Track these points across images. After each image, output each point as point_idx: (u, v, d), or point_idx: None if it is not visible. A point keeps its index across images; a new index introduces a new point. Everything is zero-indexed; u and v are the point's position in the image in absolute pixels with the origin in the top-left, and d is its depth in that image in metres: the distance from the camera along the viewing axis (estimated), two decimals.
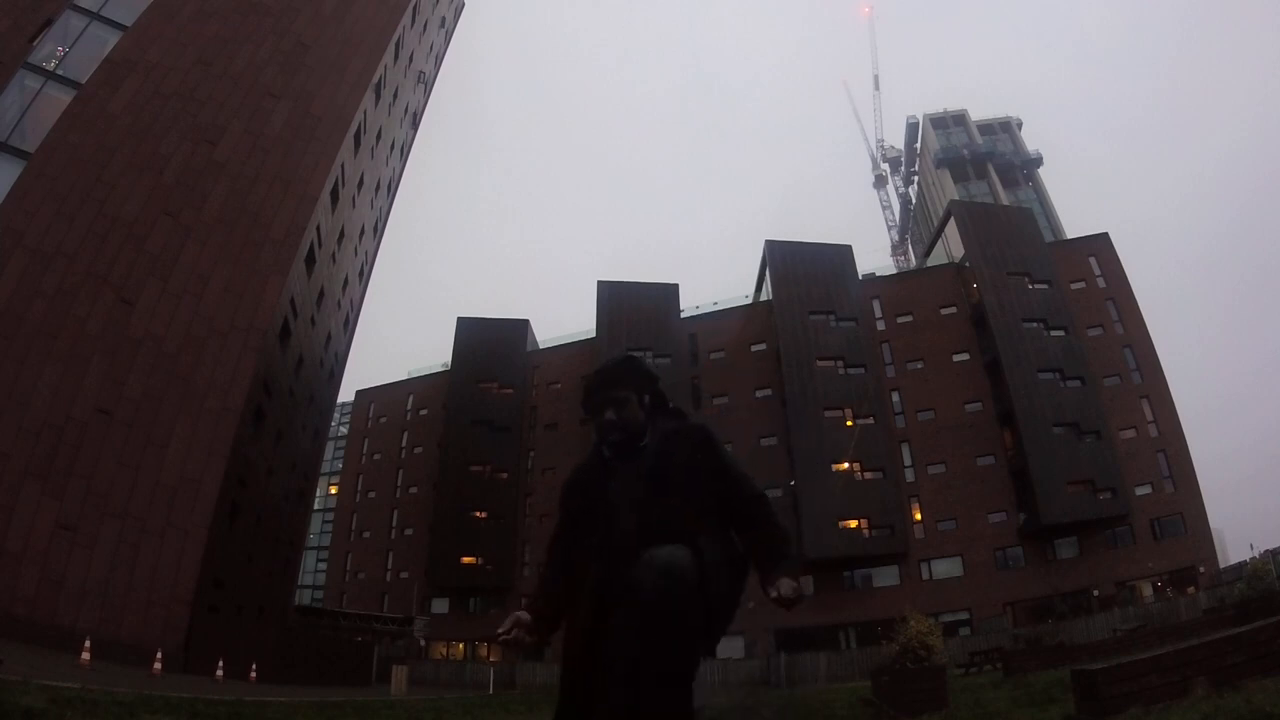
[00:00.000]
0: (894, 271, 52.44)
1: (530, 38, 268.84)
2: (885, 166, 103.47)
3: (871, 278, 43.92)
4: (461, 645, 40.91)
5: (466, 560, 40.43)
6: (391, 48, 29.88)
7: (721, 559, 1.95)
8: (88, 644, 12.73)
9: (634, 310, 42.80)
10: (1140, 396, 35.66)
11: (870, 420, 36.65)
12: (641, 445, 2.14)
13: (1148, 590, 31.41)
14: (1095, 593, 31.07)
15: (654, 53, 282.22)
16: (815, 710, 10.50)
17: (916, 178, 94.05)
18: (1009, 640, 21.64)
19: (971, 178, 76.95)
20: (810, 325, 39.33)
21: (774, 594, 1.93)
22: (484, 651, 39.76)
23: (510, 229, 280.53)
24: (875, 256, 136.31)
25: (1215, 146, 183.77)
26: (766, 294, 43.11)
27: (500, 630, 2.06)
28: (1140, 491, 33.26)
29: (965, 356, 38.40)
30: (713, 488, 2.08)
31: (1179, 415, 34.95)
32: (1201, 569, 30.50)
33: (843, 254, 42.17)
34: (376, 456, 49.59)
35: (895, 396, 38.35)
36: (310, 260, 25.06)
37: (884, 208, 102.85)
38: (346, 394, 48.11)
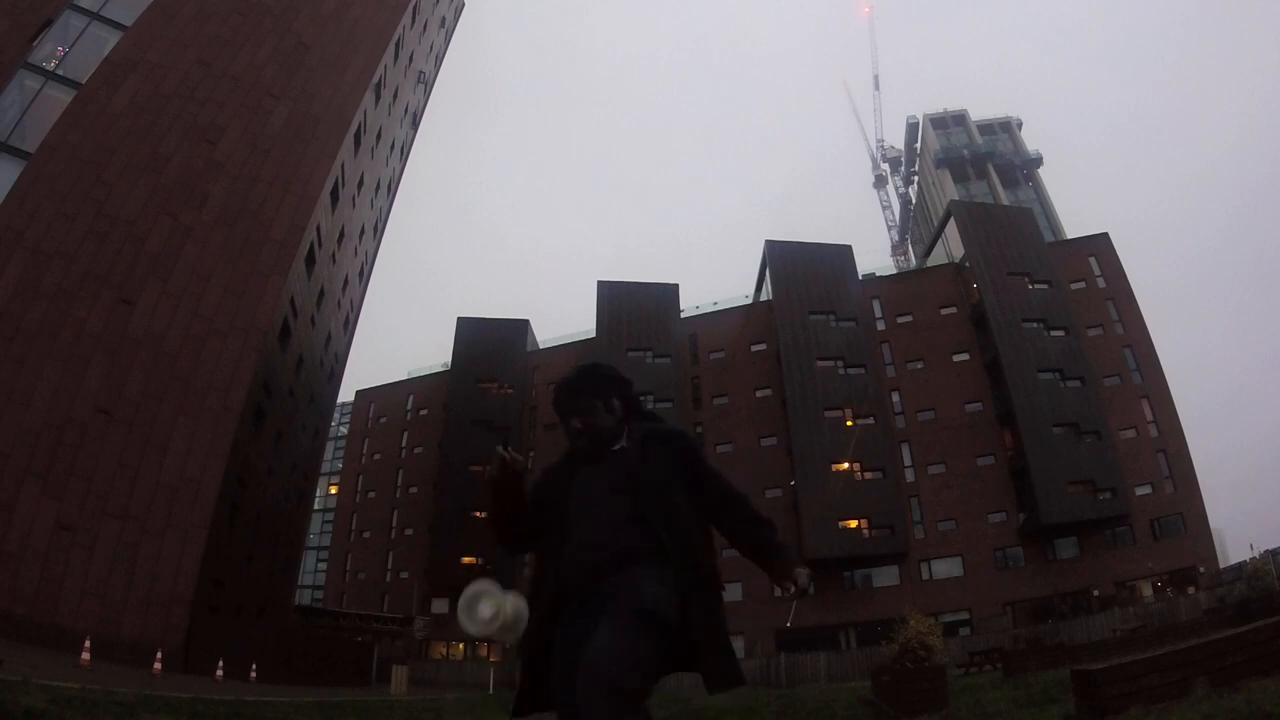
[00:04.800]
0: (894, 271, 52.41)
1: (530, 37, 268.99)
2: (885, 166, 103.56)
3: (871, 278, 43.91)
4: (461, 645, 40.90)
5: (466, 560, 40.37)
6: (391, 48, 29.86)
7: (696, 575, 1.96)
8: (88, 644, 12.71)
9: (634, 310, 42.79)
10: (1140, 396, 35.64)
11: (870, 420, 36.63)
12: (616, 449, 2.17)
13: (1148, 590, 31.39)
14: (1095, 593, 31.05)
15: (654, 52, 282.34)
16: (815, 710, 10.49)
17: (916, 178, 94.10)
18: (1009, 640, 21.63)
19: (971, 178, 77.01)
20: (810, 325, 39.31)
21: (792, 588, 2.03)
22: (484, 651, 39.75)
23: (510, 229, 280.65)
24: (875, 256, 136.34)
25: (1215, 145, 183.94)
26: (766, 294, 43.09)
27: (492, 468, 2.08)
28: (1140, 491, 33.23)
29: (965, 356, 38.39)
30: (696, 492, 2.12)
31: (1179, 415, 34.96)
32: (1201, 569, 30.46)
33: (843, 254, 42.16)
34: (376, 456, 49.58)
35: (895, 396, 38.33)
36: (310, 260, 25.04)
37: (884, 208, 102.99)
38: (346, 394, 48.17)
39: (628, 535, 1.97)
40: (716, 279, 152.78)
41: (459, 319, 47.67)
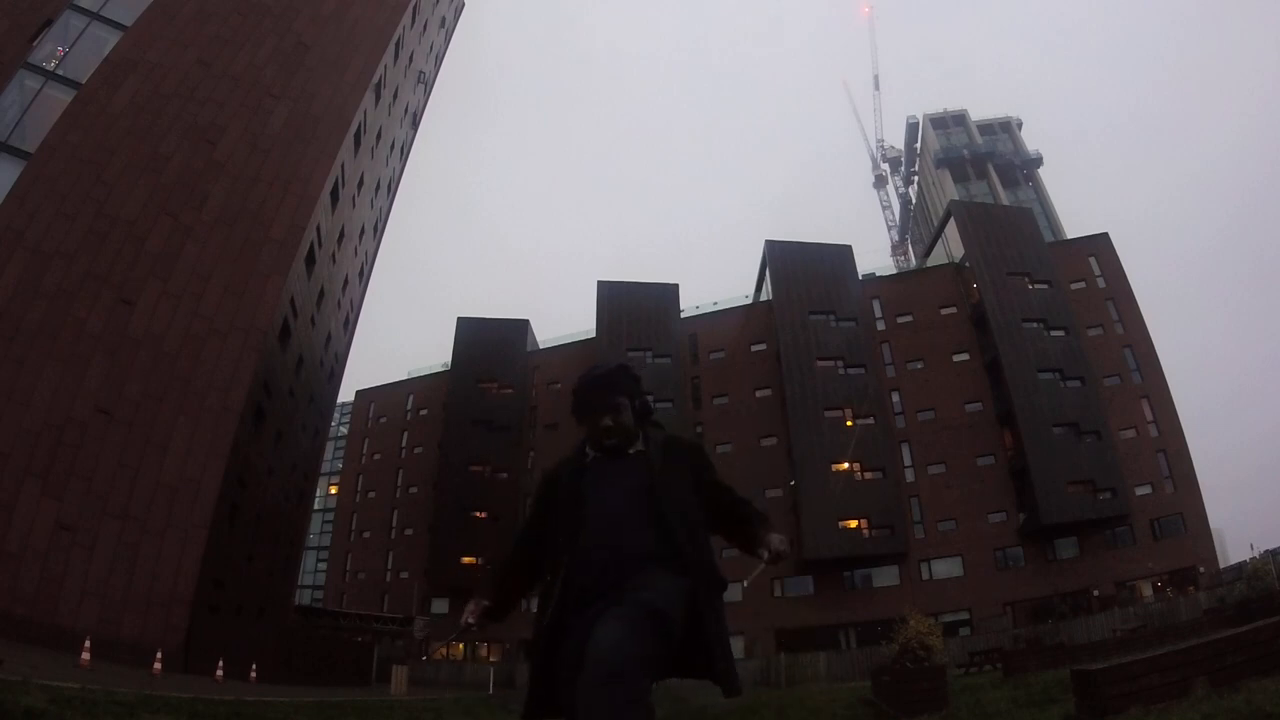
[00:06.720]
0: (894, 271, 52.42)
1: (530, 37, 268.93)
2: (885, 166, 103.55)
3: (871, 278, 43.91)
4: (461, 645, 40.89)
5: (466, 560, 40.39)
6: (391, 48, 29.85)
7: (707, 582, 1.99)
8: (88, 644, 12.71)
9: (634, 310, 42.79)
10: (1140, 396, 35.64)
11: (870, 420, 36.62)
12: (632, 452, 2.16)
13: (1148, 590, 31.38)
14: (1095, 593, 31.05)
15: (654, 52, 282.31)
16: (815, 710, 10.49)
17: (916, 178, 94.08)
18: (1009, 640, 21.63)
19: (971, 178, 77.01)
20: (810, 325, 39.31)
21: (764, 553, 2.00)
22: (484, 651, 39.76)
23: (510, 229, 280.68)
24: (875, 256, 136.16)
25: (1215, 145, 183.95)
26: (766, 294, 43.09)
27: (464, 617, 2.17)
28: (1140, 491, 33.23)
29: (965, 356, 38.38)
30: (708, 499, 2.14)
31: (1179, 415, 34.96)
32: (1201, 569, 30.46)
33: (843, 254, 42.16)
34: (376, 456, 49.58)
35: (895, 396, 38.33)
36: (310, 260, 25.04)
37: (884, 208, 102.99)
38: (346, 394, 48.16)
39: (642, 538, 1.97)
40: (716, 279, 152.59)
41: (459, 319, 47.69)
